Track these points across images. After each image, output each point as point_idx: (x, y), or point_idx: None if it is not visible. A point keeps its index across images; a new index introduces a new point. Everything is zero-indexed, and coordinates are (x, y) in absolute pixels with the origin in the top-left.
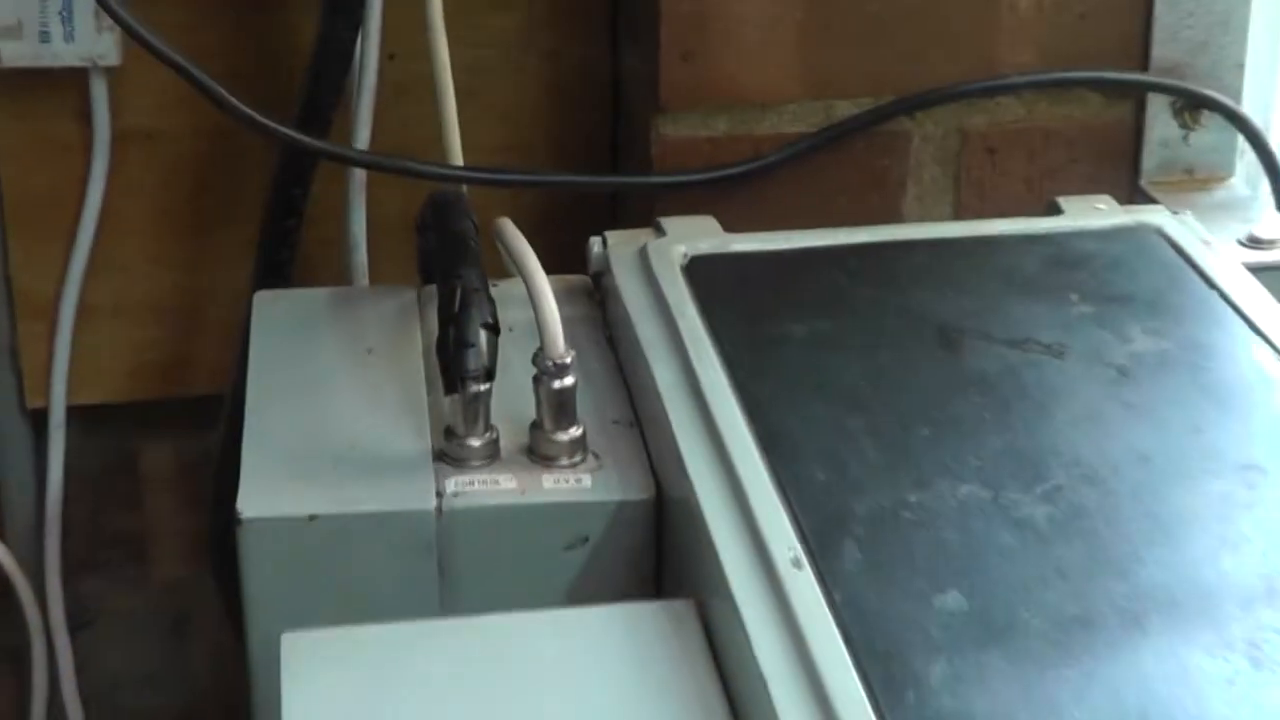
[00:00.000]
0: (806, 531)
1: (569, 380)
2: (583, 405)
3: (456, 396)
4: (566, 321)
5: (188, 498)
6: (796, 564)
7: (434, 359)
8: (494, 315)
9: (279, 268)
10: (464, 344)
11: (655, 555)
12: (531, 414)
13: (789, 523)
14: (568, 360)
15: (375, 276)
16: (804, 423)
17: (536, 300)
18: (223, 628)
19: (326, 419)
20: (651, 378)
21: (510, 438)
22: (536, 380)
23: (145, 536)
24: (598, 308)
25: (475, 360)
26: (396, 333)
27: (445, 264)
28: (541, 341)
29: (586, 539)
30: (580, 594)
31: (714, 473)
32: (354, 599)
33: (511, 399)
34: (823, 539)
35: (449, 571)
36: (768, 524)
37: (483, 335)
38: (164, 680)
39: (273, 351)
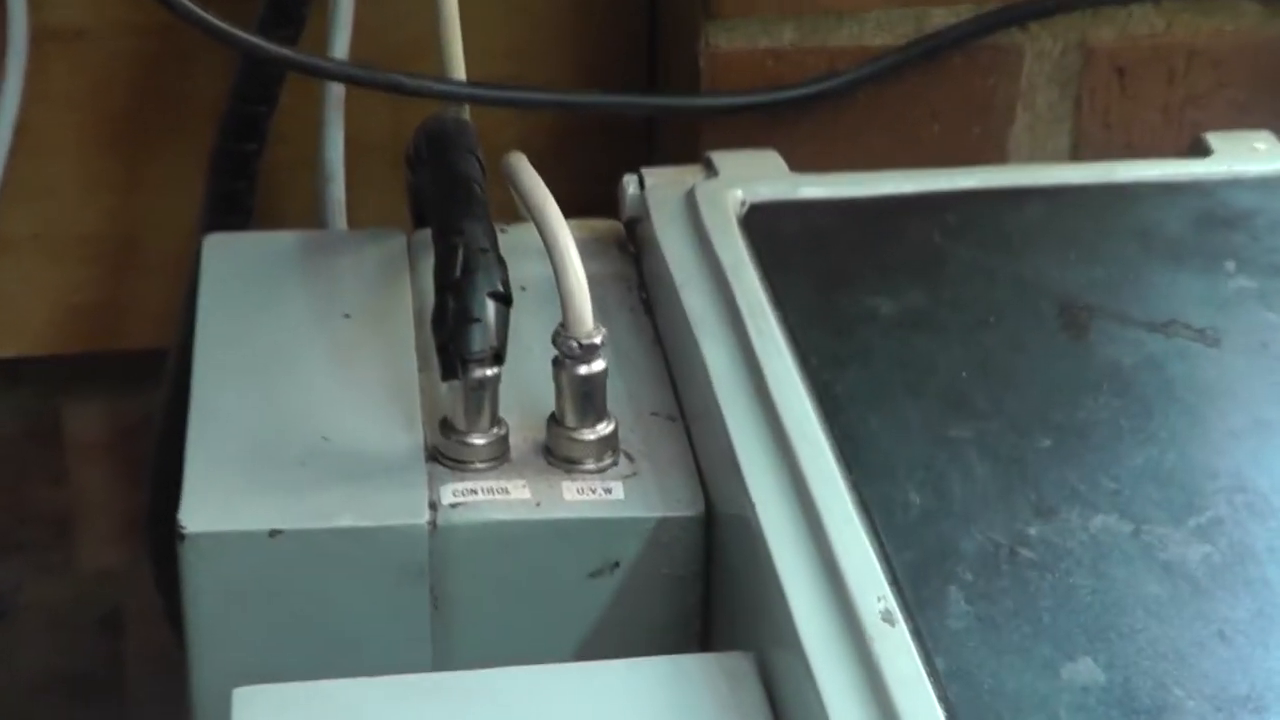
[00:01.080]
0: (899, 573)
1: (598, 365)
2: (614, 392)
3: (457, 383)
4: (594, 282)
5: (122, 470)
6: (887, 618)
7: (428, 331)
8: (505, 282)
9: (235, 200)
10: (467, 319)
11: (703, 587)
12: (549, 403)
13: (877, 561)
14: (597, 340)
15: (355, 216)
16: (893, 427)
17: (559, 263)
18: (161, 626)
19: (292, 404)
20: (701, 360)
21: (523, 433)
22: (557, 364)
23: (71, 515)
24: (631, 262)
25: (481, 339)
26: (381, 291)
27: (444, 215)
28: (564, 316)
29: (617, 564)
30: (607, 635)
31: (780, 487)
32: (325, 640)
33: (524, 383)
34: (920, 584)
35: (445, 604)
36: (850, 562)
37: (490, 307)
38: (91, 685)
39: (225, 313)
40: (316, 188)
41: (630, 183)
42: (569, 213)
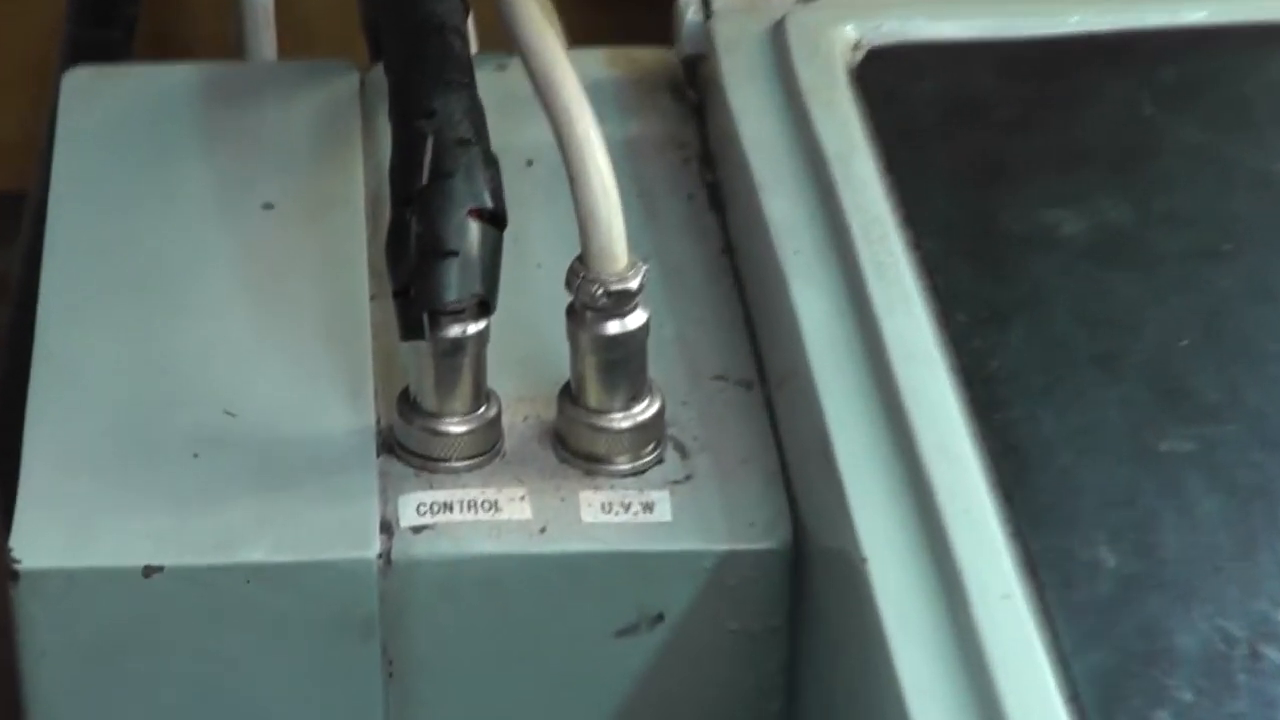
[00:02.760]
0: (1080, 686)
1: (635, 320)
2: (658, 341)
3: (423, 346)
4: (634, 150)
5: None
6: None
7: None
8: (497, 190)
9: (111, 11)
10: (437, 250)
11: (785, 650)
12: (561, 365)
13: (1047, 662)
14: (633, 284)
15: (288, 39)
16: (1077, 431)
17: (573, 160)
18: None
19: (181, 356)
20: (789, 307)
21: (523, 411)
22: (575, 317)
23: None
24: (691, 117)
25: (458, 282)
26: (320, 166)
27: (405, 85)
28: (584, 245)
29: (659, 618)
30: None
31: (903, 521)
32: None
33: (529, 326)
34: (1111, 705)
35: (404, 672)
36: (1005, 662)
37: (473, 233)
38: None
39: (87, 206)
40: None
41: (689, 5)
42: (604, 41)
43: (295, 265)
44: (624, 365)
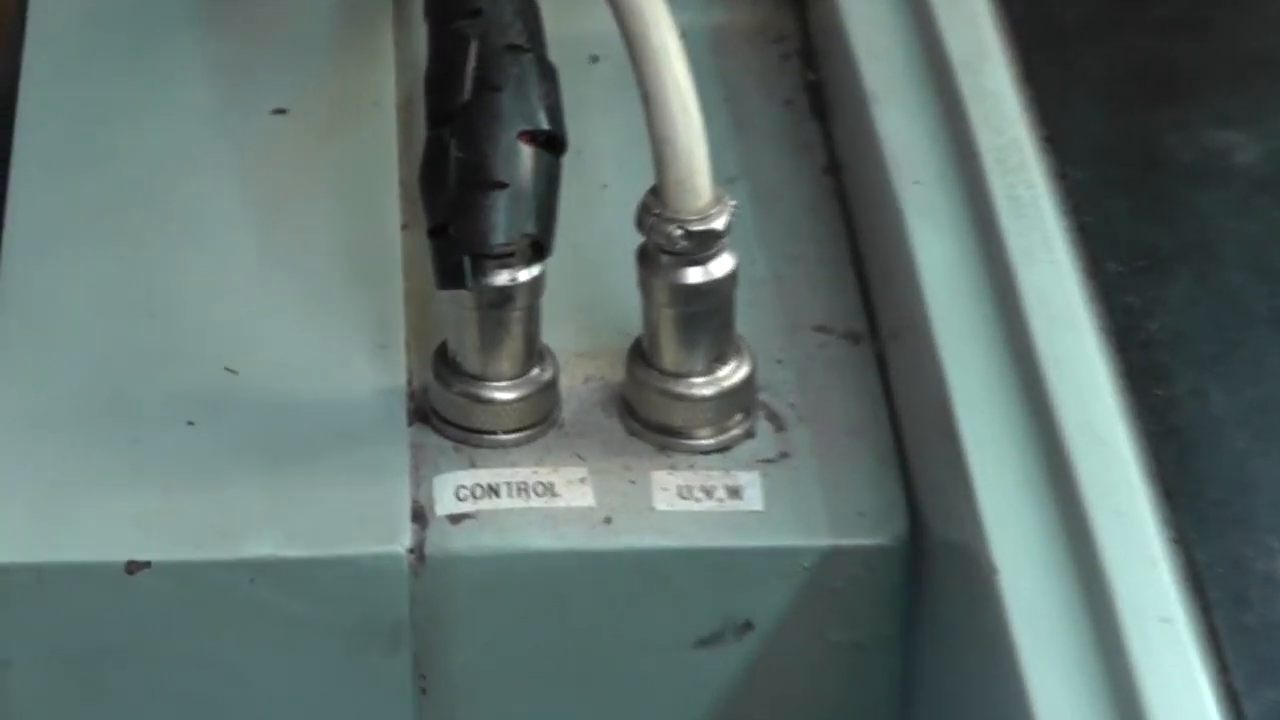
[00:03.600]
0: None
1: (721, 266)
2: (748, 285)
3: (464, 296)
4: (717, 41)
5: None
6: None
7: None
8: (554, 107)
9: None
10: (480, 181)
11: (900, 662)
12: (631, 316)
13: (1211, 699)
14: (718, 224)
15: None
16: (1254, 410)
17: (645, 66)
18: None
19: (171, 296)
20: (905, 244)
21: (584, 372)
22: (647, 261)
23: None
24: (787, 6)
25: (507, 221)
26: (342, 64)
27: None
28: (659, 174)
29: (748, 626)
30: None
31: (1041, 517)
32: None
33: (591, 264)
34: None
35: (439, 688)
36: (1160, 694)
37: (525, 157)
38: None
39: (60, 109)
40: None
41: None
42: None
43: (311, 186)
44: (706, 319)
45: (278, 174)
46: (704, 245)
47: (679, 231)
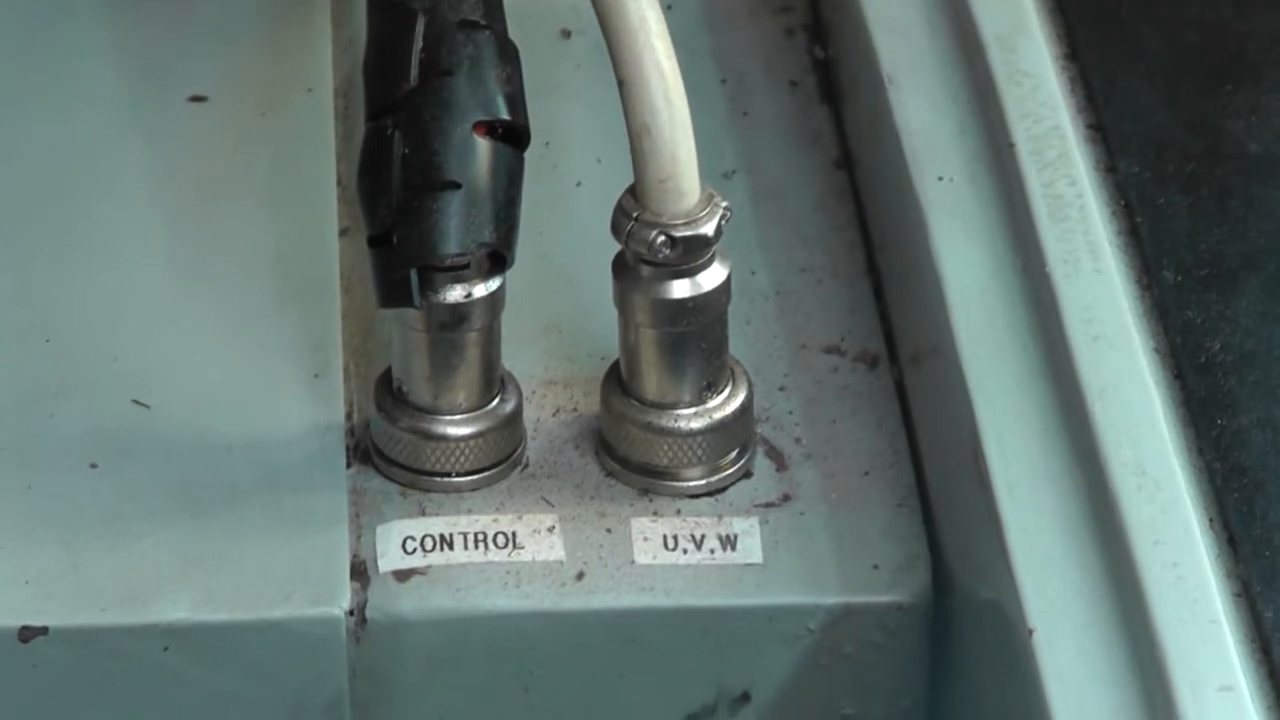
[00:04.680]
0: None
1: (711, 278)
2: (745, 302)
3: (411, 315)
4: (712, 14)
5: None
6: None
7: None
8: (514, 94)
9: None
10: (429, 182)
11: None
12: (608, 337)
13: None
14: (707, 229)
15: None
16: None
17: (621, 44)
18: None
19: (73, 326)
20: (929, 251)
21: (550, 404)
22: (624, 273)
23: None
24: None
25: (461, 226)
26: (270, 44)
27: None
28: (638, 173)
29: (745, 697)
30: None
31: (1083, 571)
32: None
33: (555, 279)
34: None
35: None
36: None
37: (482, 153)
38: None
39: None
40: None
41: None
42: None
43: (235, 185)
44: (695, 341)
45: (196, 172)
46: (691, 254)
47: (661, 238)
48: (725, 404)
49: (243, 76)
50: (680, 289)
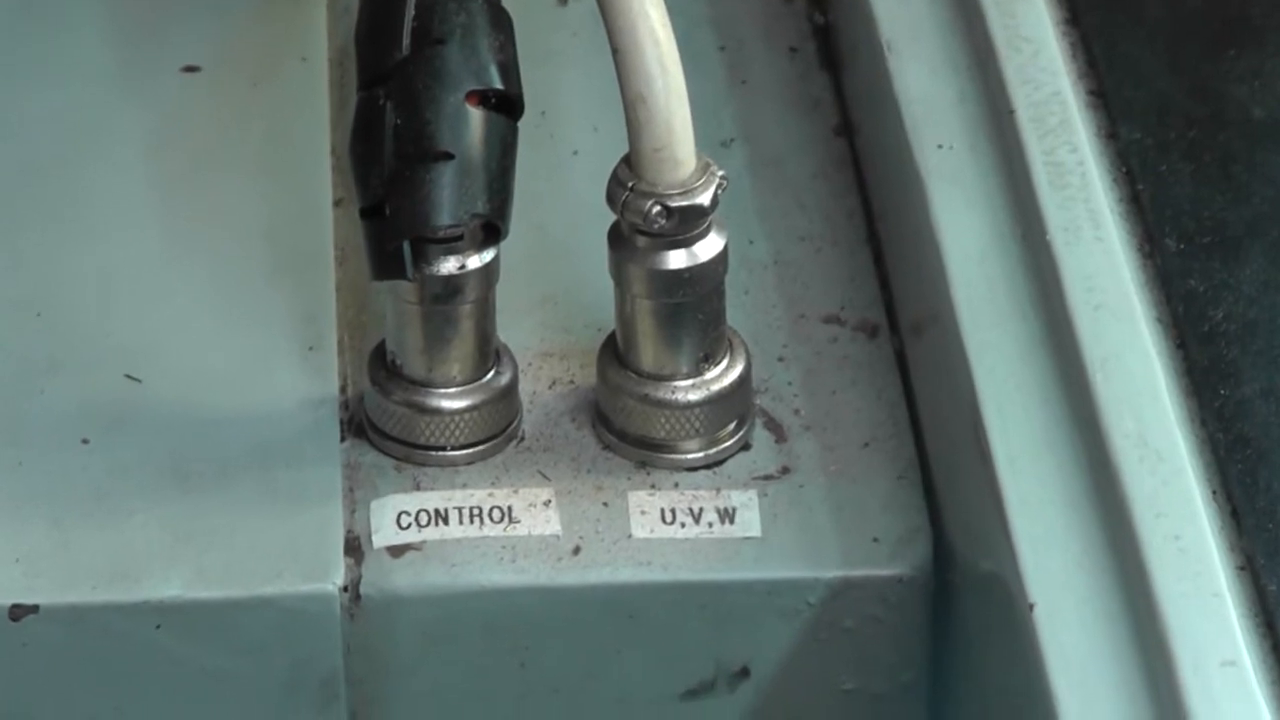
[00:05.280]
0: None
1: (707, 249)
2: (743, 271)
3: (404, 287)
4: None
5: None
6: None
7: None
8: (506, 63)
9: None
10: (422, 153)
11: (924, 716)
12: (604, 308)
13: None
14: (703, 198)
15: None
16: None
17: (613, 11)
18: None
19: (64, 300)
20: (929, 220)
21: (546, 377)
22: (619, 243)
23: None
24: None
25: (454, 197)
26: (263, 14)
27: None
28: (632, 142)
29: (744, 673)
30: None
31: (1085, 543)
32: None
33: (551, 250)
34: None
35: None
36: None
37: (475, 122)
38: None
39: None
40: None
41: None
42: None
43: (228, 157)
44: (692, 311)
45: (188, 143)
46: (687, 224)
47: (657, 208)
48: (723, 375)
49: (236, 46)
50: (676, 259)
